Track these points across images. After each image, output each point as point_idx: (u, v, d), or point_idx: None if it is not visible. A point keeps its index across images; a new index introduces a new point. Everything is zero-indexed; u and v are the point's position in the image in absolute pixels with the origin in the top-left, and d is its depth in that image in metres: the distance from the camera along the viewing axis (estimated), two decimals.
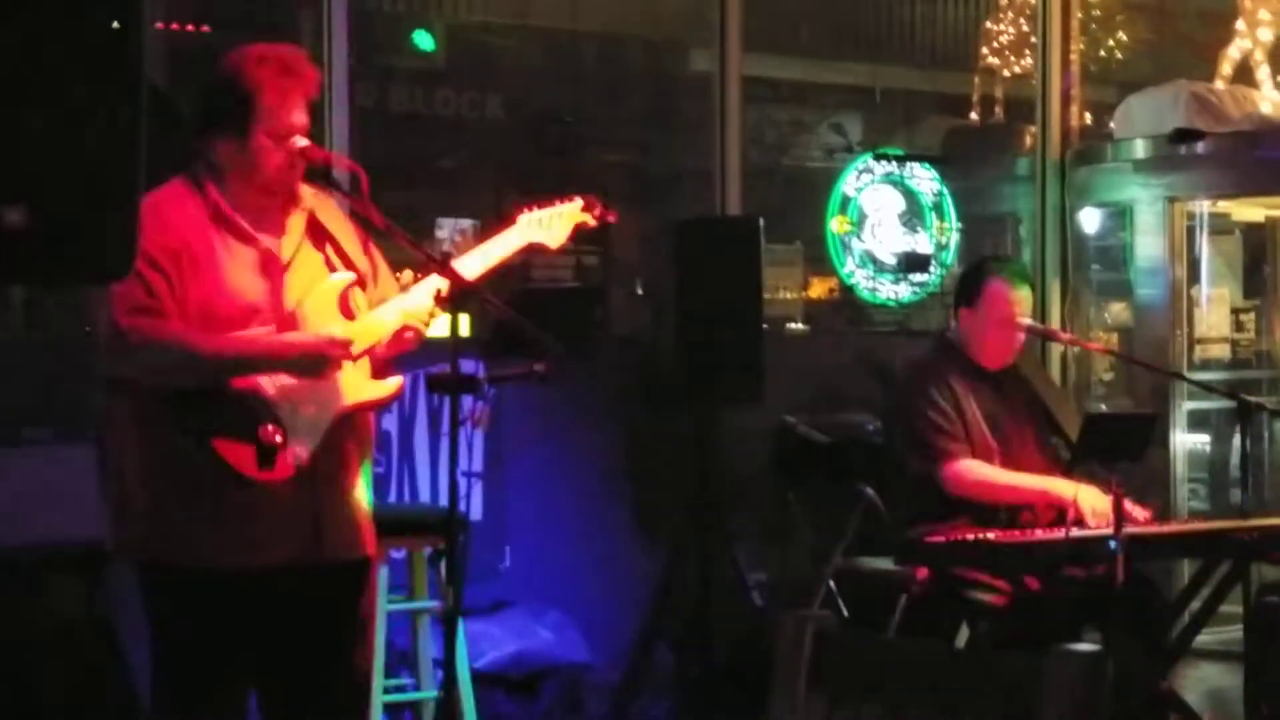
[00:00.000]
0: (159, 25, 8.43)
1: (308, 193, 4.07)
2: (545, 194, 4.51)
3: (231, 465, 3.88)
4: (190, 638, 3.99)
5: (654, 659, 6.71)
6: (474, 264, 4.17)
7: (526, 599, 6.81)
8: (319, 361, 3.95)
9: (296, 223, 4.08)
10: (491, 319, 3.98)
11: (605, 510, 7.09)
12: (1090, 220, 8.71)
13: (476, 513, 6.76)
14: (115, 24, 3.09)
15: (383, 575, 5.53)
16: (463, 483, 4.01)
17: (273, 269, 4.01)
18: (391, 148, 9.26)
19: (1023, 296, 5.86)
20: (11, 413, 5.85)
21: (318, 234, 4.09)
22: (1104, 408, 8.41)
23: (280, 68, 3.99)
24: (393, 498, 6.66)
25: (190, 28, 8.12)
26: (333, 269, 4.08)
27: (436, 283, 3.99)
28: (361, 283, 4.10)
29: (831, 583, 6.76)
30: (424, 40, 9.27)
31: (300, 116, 4.00)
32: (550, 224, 4.32)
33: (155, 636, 4.05)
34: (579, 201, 4.41)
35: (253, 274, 3.99)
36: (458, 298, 3.90)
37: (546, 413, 6.92)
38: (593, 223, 4.44)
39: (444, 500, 6.51)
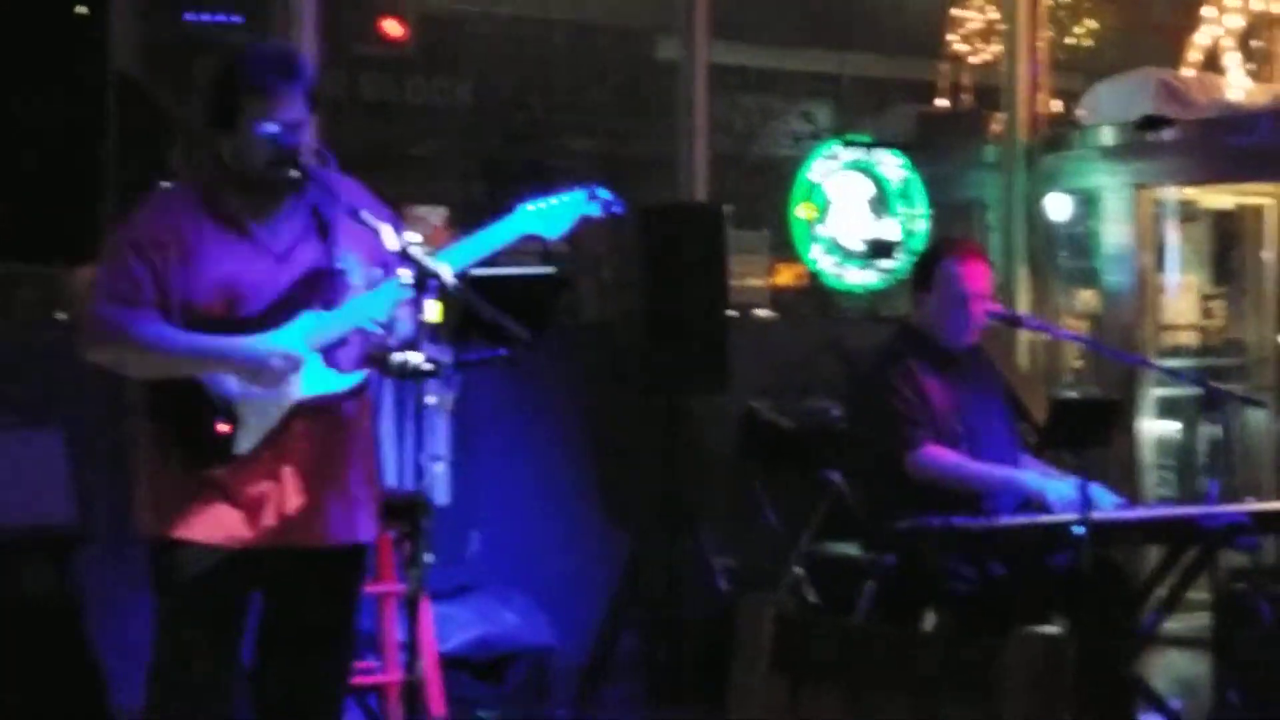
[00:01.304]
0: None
1: (318, 179, 4.08)
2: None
3: (184, 452, 4.03)
4: (186, 619, 4.08)
5: (620, 643, 6.72)
6: (466, 254, 4.17)
7: (493, 583, 6.81)
8: (265, 370, 4.02)
9: (297, 213, 4.13)
10: (456, 304, 3.96)
11: (572, 495, 7.09)
12: (1058, 207, 8.73)
13: (443, 497, 6.75)
14: (82, 9, 3.10)
15: None
16: (428, 466, 4.02)
17: (264, 262, 4.07)
18: (362, 136, 9.26)
19: (975, 271, 5.83)
20: None
21: (319, 224, 4.12)
22: (1074, 394, 8.43)
23: (270, 65, 4.05)
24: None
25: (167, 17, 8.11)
26: (327, 258, 4.10)
27: (400, 277, 3.98)
28: (348, 271, 4.11)
29: (799, 569, 6.78)
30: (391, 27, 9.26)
31: (293, 112, 4.03)
32: (551, 215, 4.29)
33: (156, 610, 4.13)
34: (581, 192, 4.36)
35: (242, 267, 4.06)
36: (422, 282, 3.88)
37: (514, 398, 6.92)
38: (598, 214, 4.38)
39: (409, 484, 6.54)
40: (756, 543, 7.06)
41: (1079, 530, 5.07)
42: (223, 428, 4.00)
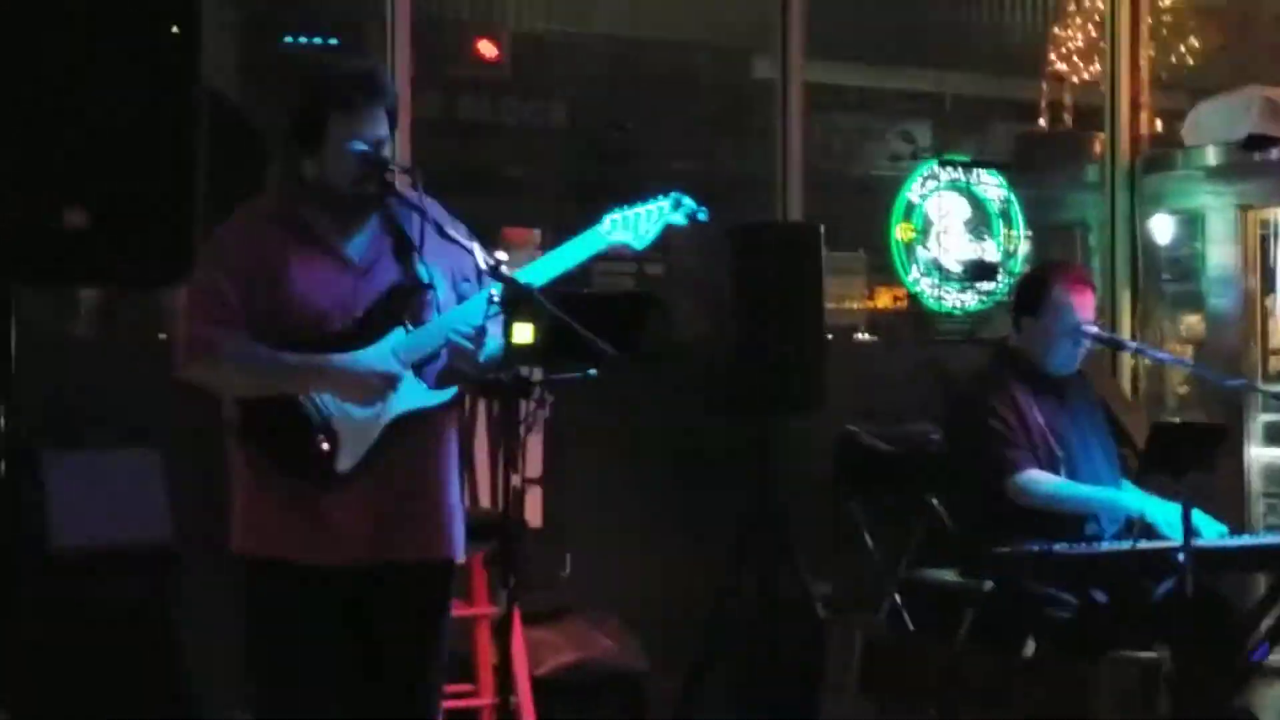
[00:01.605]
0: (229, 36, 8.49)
1: (392, 201, 4.08)
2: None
3: (284, 471, 4.03)
4: (279, 626, 4.11)
5: (715, 669, 6.66)
6: (552, 265, 4.18)
7: (587, 606, 6.78)
8: (365, 389, 4.03)
9: (377, 231, 4.15)
10: (545, 322, 3.93)
11: (666, 518, 7.04)
12: (1163, 228, 8.60)
13: (536, 519, 6.74)
14: (174, 29, 3.10)
15: None
16: (522, 488, 4.01)
17: (349, 278, 4.09)
18: (457, 156, 9.27)
19: (1086, 301, 5.76)
20: (76, 414, 5.89)
21: (400, 242, 4.13)
22: (1176, 419, 8.29)
23: (352, 85, 4.06)
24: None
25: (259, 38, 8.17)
26: (410, 276, 4.10)
27: (487, 293, 3.99)
28: (434, 287, 4.12)
29: (896, 595, 6.70)
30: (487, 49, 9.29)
31: (375, 131, 4.06)
32: (635, 224, 4.27)
33: (248, 625, 4.16)
34: (666, 200, 4.35)
35: (329, 284, 4.08)
36: (512, 301, 3.87)
37: (607, 419, 6.89)
38: (683, 222, 4.36)
39: (501, 505, 6.53)
40: (854, 568, 6.98)
41: (1181, 557, 4.97)
42: (324, 445, 4.00)
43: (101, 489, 5.50)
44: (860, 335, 8.85)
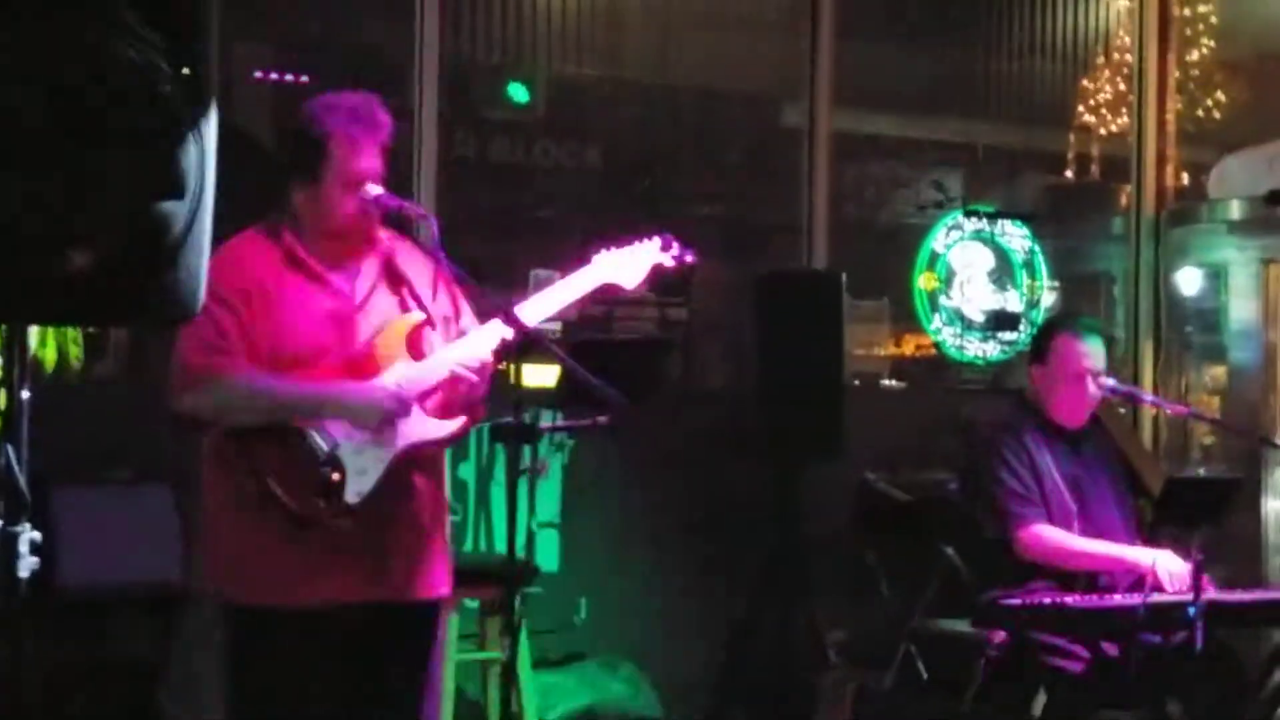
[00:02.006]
0: (261, 75, 8.58)
1: (385, 235, 4.11)
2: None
3: (291, 503, 3.95)
4: (264, 674, 4.05)
5: (728, 715, 6.66)
6: (547, 304, 4.20)
7: (602, 651, 6.79)
8: (380, 413, 4.00)
9: (371, 265, 4.16)
10: (560, 370, 3.96)
11: (683, 564, 7.05)
12: (1188, 281, 8.60)
13: (552, 564, 6.76)
14: (185, 70, 3.12)
15: (454, 624, 5.54)
16: (536, 533, 4.02)
17: (345, 311, 4.09)
18: (487, 198, 9.31)
19: (1091, 349, 5.75)
20: (94, 453, 5.91)
21: (394, 277, 4.14)
22: (1202, 471, 8.27)
23: (350, 116, 4.08)
24: (469, 546, 6.66)
25: (292, 78, 8.23)
26: (404, 310, 4.13)
27: (495, 332, 4.01)
28: (432, 323, 4.12)
29: (911, 644, 6.69)
30: (519, 92, 9.32)
31: (372, 162, 4.07)
32: (627, 264, 4.31)
33: (231, 672, 4.12)
34: (657, 241, 4.40)
35: (324, 315, 4.07)
36: (521, 346, 3.89)
37: (626, 464, 6.91)
38: (670, 263, 4.40)
39: (517, 549, 6.54)
40: (870, 616, 6.99)
41: (1191, 610, 4.95)
42: (334, 477, 3.96)
43: (111, 526, 5.51)
44: (885, 382, 8.85)
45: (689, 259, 4.42)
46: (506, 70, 9.26)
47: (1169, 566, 5.38)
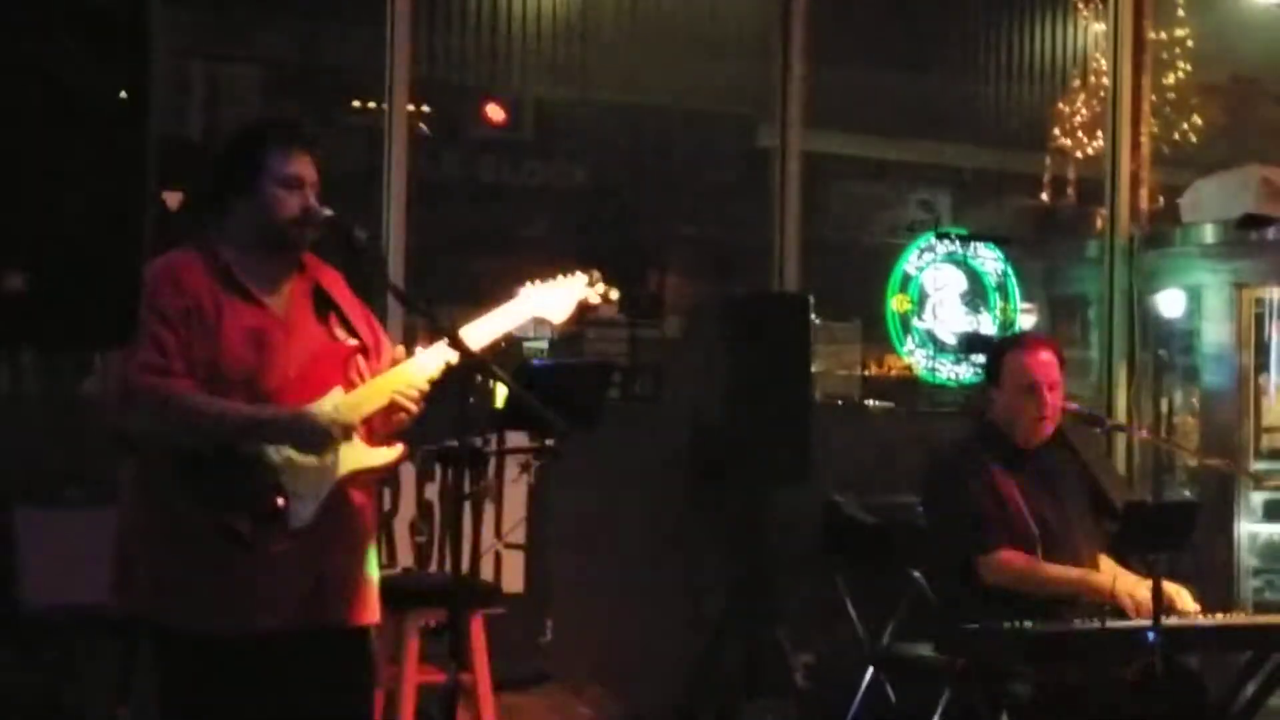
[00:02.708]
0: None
1: (313, 261, 4.10)
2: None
3: (235, 529, 3.91)
4: (195, 702, 4.00)
5: None
6: (478, 335, 4.16)
7: (568, 673, 6.76)
8: (320, 437, 3.97)
9: (301, 289, 4.15)
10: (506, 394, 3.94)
11: (650, 585, 7.03)
12: (1169, 304, 8.59)
13: (517, 585, 6.73)
14: (123, 94, 3.11)
15: (414, 646, 5.52)
16: (502, 554, 4.00)
17: (275, 333, 4.06)
18: (477, 217, 9.33)
19: (1040, 360, 5.73)
20: (54, 473, 5.90)
21: (321, 301, 4.13)
22: (1187, 493, 8.25)
23: (285, 126, 4.17)
24: (434, 567, 6.63)
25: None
26: (334, 337, 4.11)
27: (439, 355, 3.99)
28: (364, 351, 4.11)
29: (878, 669, 6.67)
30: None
31: (307, 171, 4.08)
32: (552, 298, 4.30)
33: (162, 697, 4.05)
34: (582, 277, 4.38)
35: (256, 336, 4.04)
36: (465, 370, 3.88)
37: (592, 486, 6.89)
38: (595, 300, 4.39)
39: (483, 572, 6.52)
40: (837, 639, 6.97)
41: (1151, 636, 4.94)
42: (280, 501, 3.93)
43: (73, 546, 5.47)
44: (857, 403, 8.85)
45: (610, 298, 4.41)
46: (478, 90, 9.30)
47: (1132, 591, 5.36)
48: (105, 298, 3.14)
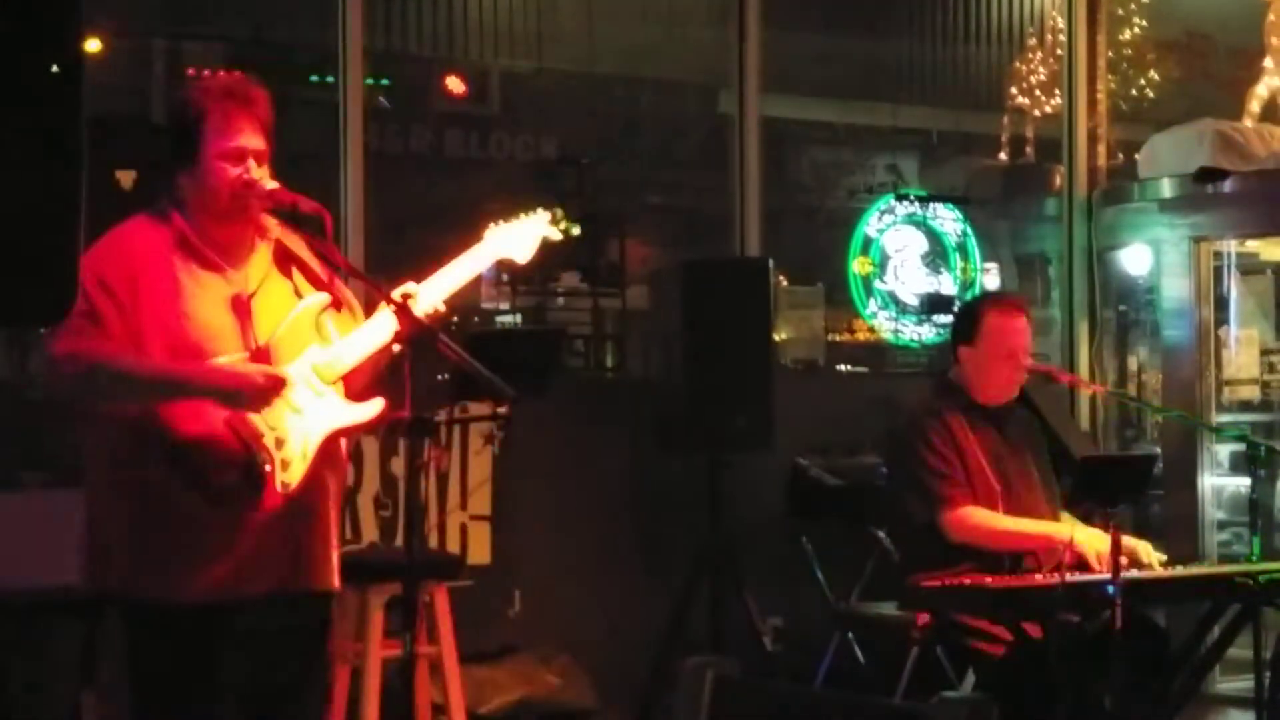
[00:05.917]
0: (190, 72, 8.55)
1: (273, 222, 4.08)
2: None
3: (217, 499, 3.90)
4: (170, 672, 4.00)
5: (663, 705, 6.65)
6: (445, 282, 4.16)
7: (535, 644, 6.77)
8: (250, 391, 3.92)
9: (263, 251, 4.12)
10: (450, 363, 3.93)
11: (616, 553, 7.05)
12: (1132, 260, 8.61)
13: (484, 556, 6.74)
14: (54, 68, 3.09)
15: (378, 620, 5.52)
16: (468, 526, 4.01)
17: (239, 297, 4.03)
18: (447, 190, 9.32)
19: (1020, 327, 5.76)
20: (10, 456, 5.89)
21: (284, 261, 4.11)
22: (1156, 449, 8.28)
23: (223, 92, 4.06)
24: (399, 541, 6.62)
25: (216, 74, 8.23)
26: (300, 296, 4.09)
27: (384, 323, 3.97)
28: (337, 305, 4.11)
29: (847, 629, 6.70)
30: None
31: (251, 140, 4.04)
32: (516, 237, 4.30)
33: (134, 671, 4.05)
34: (544, 214, 4.37)
35: (218, 301, 4.01)
36: (413, 338, 3.87)
37: (557, 456, 6.90)
38: (558, 236, 4.39)
39: (449, 544, 6.52)
40: (804, 602, 6.99)
41: (1110, 589, 4.96)
42: (267, 467, 3.90)
43: (34, 529, 5.47)
44: (817, 365, 8.86)
45: (572, 231, 4.40)
46: (436, 63, 9.28)
47: (1093, 544, 5.38)
48: (40, 275, 3.13)
